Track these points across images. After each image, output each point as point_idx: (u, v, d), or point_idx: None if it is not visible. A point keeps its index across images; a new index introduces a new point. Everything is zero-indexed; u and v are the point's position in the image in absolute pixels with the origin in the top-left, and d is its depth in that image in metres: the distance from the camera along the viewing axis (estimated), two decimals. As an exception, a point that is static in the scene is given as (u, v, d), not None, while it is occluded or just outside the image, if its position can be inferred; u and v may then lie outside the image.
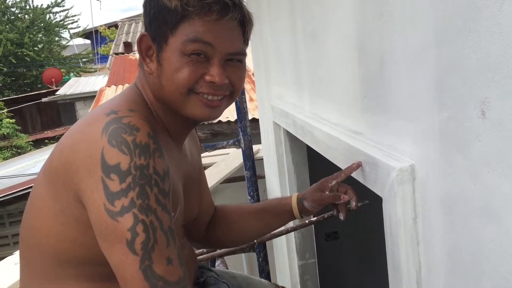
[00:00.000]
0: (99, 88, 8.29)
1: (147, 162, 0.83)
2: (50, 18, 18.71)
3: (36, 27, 18.09)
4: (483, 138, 0.68)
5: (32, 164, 7.90)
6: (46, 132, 14.42)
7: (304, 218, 1.65)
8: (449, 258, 0.81)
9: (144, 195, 0.81)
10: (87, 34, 21.34)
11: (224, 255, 2.09)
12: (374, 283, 2.64)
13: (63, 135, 0.96)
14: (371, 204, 1.50)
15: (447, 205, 0.80)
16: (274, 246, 3.13)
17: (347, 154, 1.19)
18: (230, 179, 3.85)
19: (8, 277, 2.54)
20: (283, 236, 2.21)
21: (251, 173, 2.95)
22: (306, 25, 1.56)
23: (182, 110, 0.97)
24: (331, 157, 1.34)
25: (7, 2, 17.84)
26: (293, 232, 2.08)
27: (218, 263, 2.22)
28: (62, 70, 17.48)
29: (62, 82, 15.37)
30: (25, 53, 16.97)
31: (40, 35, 18.41)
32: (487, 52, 0.64)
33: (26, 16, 18.10)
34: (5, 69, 16.55)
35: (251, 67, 3.39)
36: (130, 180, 0.81)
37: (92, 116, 0.91)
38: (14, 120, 13.32)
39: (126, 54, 11.03)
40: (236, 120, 3.45)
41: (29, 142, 13.02)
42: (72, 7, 22.30)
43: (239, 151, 3.08)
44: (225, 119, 4.92)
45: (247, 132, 2.93)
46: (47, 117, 15.29)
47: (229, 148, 3.24)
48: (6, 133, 12.83)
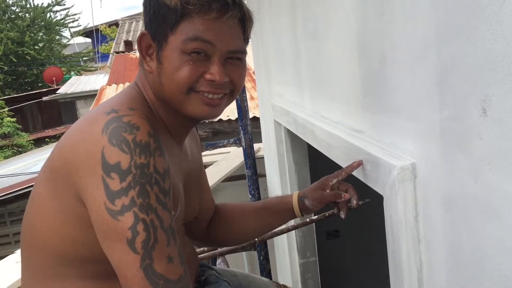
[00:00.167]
0: (100, 86, 8.29)
1: (147, 161, 0.83)
2: (50, 16, 18.72)
3: (36, 26, 18.09)
4: (484, 136, 0.67)
5: (33, 163, 7.90)
6: (47, 130, 14.42)
7: (305, 217, 1.65)
8: (450, 256, 0.81)
9: (144, 194, 0.81)
10: (87, 33, 21.33)
11: (225, 254, 2.09)
12: (375, 281, 2.64)
13: (63, 134, 0.96)
14: (372, 203, 1.50)
15: (448, 203, 0.80)
16: (275, 244, 3.13)
17: (348, 153, 1.18)
18: (231, 178, 3.85)
19: (10, 275, 2.54)
20: (284, 235, 2.21)
21: (252, 171, 2.95)
22: (307, 23, 1.56)
23: (183, 108, 0.97)
24: (332, 155, 1.34)
25: (7, 1, 17.84)
26: (294, 231, 2.09)
27: (219, 261, 2.22)
28: (63, 69, 17.48)
29: (63, 81, 15.38)
30: (25, 51, 16.97)
31: (40, 34, 18.41)
32: (488, 50, 0.64)
33: (27, 14, 18.10)
34: (5, 67, 16.55)
35: (252, 66, 3.39)
36: (130, 179, 0.81)
37: (92, 115, 0.90)
38: (15, 119, 13.33)
39: (127, 53, 11.02)
40: (237, 119, 3.45)
41: (30, 141, 13.02)
42: (72, 6, 22.39)
43: (240, 149, 3.08)
44: (226, 118, 4.92)
45: (248, 131, 2.93)
46: (48, 115, 15.30)
47: (230, 146, 3.24)
48: (7, 132, 12.84)
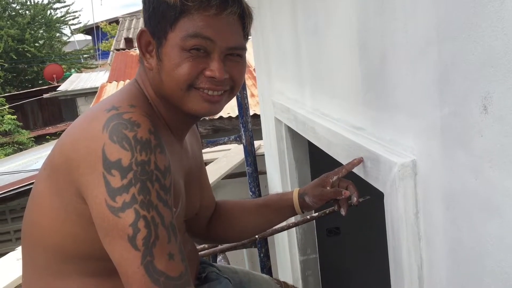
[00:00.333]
0: (100, 84, 8.28)
1: (148, 158, 0.83)
2: (51, 14, 18.71)
3: (37, 23, 18.08)
4: (485, 134, 0.67)
5: (33, 160, 7.90)
6: (47, 128, 14.44)
7: (305, 214, 1.65)
8: (450, 253, 0.81)
9: (145, 191, 0.81)
10: (88, 30, 21.32)
11: (226, 251, 2.10)
12: (375, 278, 2.64)
13: (64, 131, 0.96)
14: (372, 200, 1.50)
15: (449, 200, 0.80)
16: (275, 241, 3.13)
17: (348, 150, 1.18)
18: (232, 175, 3.85)
19: (11, 272, 2.55)
20: (285, 232, 2.21)
21: (252, 169, 2.95)
22: (307, 20, 1.56)
23: (183, 105, 0.97)
24: (332, 152, 1.34)
25: (8, -2, 17.84)
26: (294, 228, 2.09)
27: (219, 258, 2.22)
28: (63, 66, 17.47)
29: (63, 78, 15.37)
30: (26, 49, 16.97)
31: (41, 31, 18.40)
32: (489, 47, 0.64)
33: (27, 12, 18.09)
34: (6, 65, 16.54)
35: (252, 63, 3.39)
36: (131, 176, 0.81)
37: (93, 112, 0.90)
38: (16, 116, 13.34)
39: (127, 50, 11.03)
40: (237, 116, 3.44)
41: (30, 138, 13.04)
42: (73, 3, 22.43)
43: (241, 147, 3.08)
44: (226, 115, 4.92)
45: (248, 128, 2.93)
46: (48, 113, 15.31)
47: (230, 144, 3.25)
48: (7, 129, 12.85)
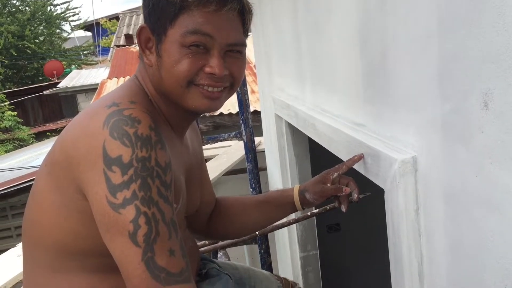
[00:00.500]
0: (100, 80, 8.27)
1: (148, 154, 0.83)
2: (51, 10, 18.65)
3: (37, 20, 18.03)
4: (485, 130, 0.67)
5: (34, 156, 7.91)
6: (48, 124, 14.43)
7: (306, 210, 1.65)
8: (451, 249, 0.81)
9: (146, 187, 0.81)
10: (88, 27, 21.27)
11: (226, 247, 2.10)
12: (376, 274, 2.65)
13: (64, 127, 0.96)
14: (373, 196, 1.50)
15: (449, 196, 0.80)
16: (276, 238, 3.14)
17: (349, 146, 1.18)
18: (232, 172, 3.86)
19: (11, 269, 2.55)
20: (285, 228, 2.21)
21: (253, 165, 2.95)
22: (308, 15, 1.55)
23: (182, 102, 0.97)
24: (333, 149, 1.34)
25: (8, -6, 17.79)
26: (295, 224, 2.09)
27: (220, 254, 2.23)
28: (63, 63, 17.45)
29: (63, 75, 15.36)
30: (26, 45, 16.93)
31: (41, 28, 18.35)
32: (490, 43, 0.64)
33: (27, 8, 18.04)
34: (6, 61, 16.52)
35: (253, 59, 3.38)
36: (132, 172, 0.81)
37: (93, 109, 0.90)
38: (16, 112, 13.33)
39: (127, 47, 10.99)
40: (237, 112, 3.44)
41: (31, 134, 13.04)
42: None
43: (241, 143, 3.08)
44: (226, 111, 4.91)
45: (248, 125, 2.92)
46: (48, 109, 15.30)
47: (231, 140, 3.24)
48: (8, 125, 12.85)
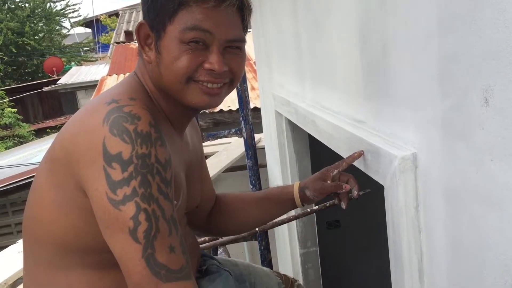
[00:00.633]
0: (100, 77, 8.26)
1: (148, 151, 0.83)
2: (50, 6, 18.62)
3: (36, 16, 18.00)
4: (486, 127, 0.67)
5: (34, 153, 7.90)
6: (47, 121, 14.42)
7: (306, 207, 1.66)
8: (451, 246, 0.81)
9: (146, 184, 0.81)
10: (87, 23, 21.24)
11: (226, 244, 2.10)
12: (376, 271, 2.65)
13: (64, 124, 0.96)
14: (373, 193, 1.50)
15: (449, 193, 0.80)
16: (276, 234, 3.14)
17: (349, 143, 1.18)
18: (232, 168, 3.86)
19: (12, 265, 2.56)
20: (285, 225, 2.21)
21: (253, 162, 2.95)
22: (308, 12, 1.55)
23: (182, 98, 0.97)
24: (333, 145, 1.34)
25: (7, -10, 17.75)
26: (295, 221, 2.09)
27: (220, 251, 2.23)
28: (63, 59, 17.41)
29: (63, 71, 15.34)
30: (26, 42, 16.91)
31: (40, 24, 18.31)
32: (490, 40, 0.64)
33: (27, 4, 18.00)
34: (6, 58, 16.50)
35: (253, 56, 3.38)
36: (132, 169, 0.81)
37: (93, 105, 0.90)
38: (16, 109, 13.32)
39: (127, 43, 10.98)
40: (237, 109, 3.44)
41: (30, 131, 13.03)
42: (72, -4, 22.17)
43: (241, 140, 3.07)
44: (226, 108, 4.91)
45: (248, 121, 2.92)
46: (48, 106, 15.29)
47: (230, 137, 3.24)
48: (8, 122, 12.84)
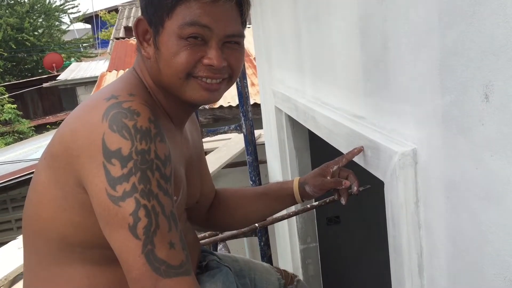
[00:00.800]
0: (100, 73, 8.25)
1: (148, 147, 0.83)
2: (50, 2, 18.56)
3: (36, 12, 17.94)
4: (486, 122, 0.67)
5: (34, 149, 7.91)
6: (47, 117, 14.41)
7: (306, 202, 1.66)
8: (450, 241, 0.81)
9: (145, 180, 0.81)
10: (87, 19, 21.18)
11: (226, 239, 2.11)
12: (375, 267, 2.66)
13: (64, 120, 0.96)
14: (372, 188, 1.50)
15: (449, 189, 0.80)
16: (276, 230, 3.15)
17: (349, 139, 1.18)
18: (232, 164, 3.86)
19: (12, 261, 2.57)
20: (285, 221, 2.21)
21: (253, 158, 2.95)
22: (308, 7, 1.54)
23: (181, 94, 0.97)
24: (333, 141, 1.34)
25: (6, -14, 17.69)
26: (294, 217, 2.09)
27: (220, 247, 2.23)
28: (63, 55, 17.39)
29: (63, 67, 15.32)
30: (25, 38, 16.87)
31: (40, 20, 18.26)
32: (491, 35, 0.64)
33: (26, 0, 17.95)
34: (5, 54, 16.47)
35: (253, 52, 3.37)
36: (131, 165, 0.81)
37: (92, 101, 0.90)
38: (16, 105, 13.31)
39: (127, 39, 10.96)
40: (237, 105, 3.43)
41: (30, 127, 13.02)
42: (72, -9, 22.09)
43: (241, 136, 3.07)
44: (226, 104, 4.90)
45: (248, 117, 2.92)
46: (48, 102, 15.27)
47: (230, 133, 3.24)
48: (7, 118, 12.83)
